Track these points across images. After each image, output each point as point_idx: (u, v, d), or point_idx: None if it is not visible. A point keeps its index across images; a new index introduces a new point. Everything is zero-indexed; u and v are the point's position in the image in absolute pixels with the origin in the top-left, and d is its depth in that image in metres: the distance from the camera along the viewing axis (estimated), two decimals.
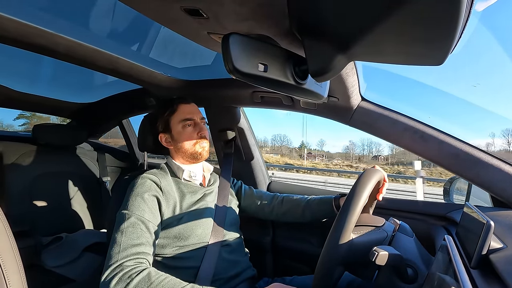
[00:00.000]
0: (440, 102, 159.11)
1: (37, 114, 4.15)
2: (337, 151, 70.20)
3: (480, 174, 0.85)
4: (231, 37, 0.45)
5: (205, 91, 1.24)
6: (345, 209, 0.65)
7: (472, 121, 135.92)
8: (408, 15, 0.33)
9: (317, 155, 66.38)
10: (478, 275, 0.51)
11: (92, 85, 1.67)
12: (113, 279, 0.66)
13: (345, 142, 75.32)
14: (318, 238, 1.23)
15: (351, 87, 0.88)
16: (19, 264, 0.56)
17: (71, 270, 1.30)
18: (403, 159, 59.93)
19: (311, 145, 68.62)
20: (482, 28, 30.56)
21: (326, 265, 0.65)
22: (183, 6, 0.51)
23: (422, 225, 1.00)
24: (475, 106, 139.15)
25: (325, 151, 70.63)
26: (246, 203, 1.15)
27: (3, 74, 1.46)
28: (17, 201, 1.42)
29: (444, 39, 0.35)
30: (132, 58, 1.02)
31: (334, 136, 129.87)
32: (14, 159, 1.45)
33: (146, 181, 0.89)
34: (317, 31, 0.47)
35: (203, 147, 1.01)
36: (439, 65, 0.42)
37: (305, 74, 0.56)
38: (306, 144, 69.49)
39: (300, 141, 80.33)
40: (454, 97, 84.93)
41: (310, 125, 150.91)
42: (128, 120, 2.03)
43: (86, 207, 1.71)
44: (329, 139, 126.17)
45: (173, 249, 0.87)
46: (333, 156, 65.82)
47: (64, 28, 0.83)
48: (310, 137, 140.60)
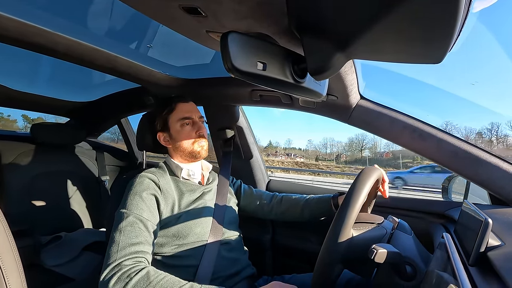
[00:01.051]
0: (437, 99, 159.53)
1: (4, 116, 4.12)
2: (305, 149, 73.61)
3: (479, 172, 0.86)
4: (230, 35, 0.45)
5: (204, 89, 1.24)
6: (344, 207, 0.65)
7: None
8: (407, 14, 0.33)
9: (283, 153, 68.82)
10: (476, 273, 0.51)
11: (90, 84, 1.67)
12: (112, 278, 0.66)
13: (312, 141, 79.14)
14: (317, 236, 1.23)
15: (350, 85, 0.88)
16: (18, 264, 0.56)
17: (70, 269, 1.30)
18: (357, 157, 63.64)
19: (280, 144, 71.50)
20: (480, 27, 30.58)
21: (325, 263, 0.65)
22: (182, 4, 0.51)
23: (420, 223, 1.00)
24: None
25: (296, 149, 73.05)
26: (245, 202, 1.15)
27: (2, 73, 1.45)
28: (16, 200, 1.42)
29: (443, 38, 0.35)
30: (131, 57, 1.02)
31: (299, 136, 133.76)
32: (13, 158, 1.45)
33: (144, 180, 0.88)
34: (316, 30, 0.47)
35: (202, 145, 1.01)
36: (438, 64, 0.42)
37: (304, 73, 0.56)
38: (275, 143, 72.06)
39: (268, 140, 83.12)
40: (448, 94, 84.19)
41: (280, 124, 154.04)
42: (127, 119, 2.03)
43: (85, 206, 1.71)
44: (296, 138, 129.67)
45: (172, 248, 0.87)
46: (298, 155, 69.06)
47: (63, 27, 0.82)
48: (280, 136, 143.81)
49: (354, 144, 65.41)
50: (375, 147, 62.14)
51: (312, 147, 73.33)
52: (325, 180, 16.24)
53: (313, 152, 70.32)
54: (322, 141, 74.54)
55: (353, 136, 66.27)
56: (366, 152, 62.44)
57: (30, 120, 15.97)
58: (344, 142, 71.29)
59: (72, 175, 1.67)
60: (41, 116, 3.21)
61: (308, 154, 69.76)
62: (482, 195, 0.98)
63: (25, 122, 4.58)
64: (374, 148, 62.81)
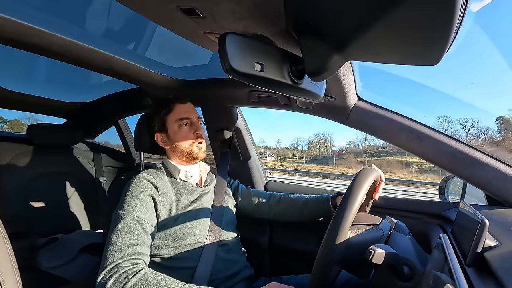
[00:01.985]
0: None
1: None
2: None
3: (475, 173, 0.86)
4: (228, 36, 0.45)
5: (202, 90, 1.24)
6: (342, 208, 0.65)
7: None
8: (404, 15, 0.34)
9: (271, 153, 72.39)
10: (473, 273, 0.51)
11: (87, 85, 1.66)
12: (109, 280, 0.65)
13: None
14: (315, 237, 1.23)
15: (348, 86, 0.89)
16: (14, 266, 0.56)
17: (67, 271, 1.29)
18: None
19: (269, 143, 75.88)
20: (476, 28, 30.86)
21: (323, 264, 0.65)
22: (180, 5, 0.51)
23: (418, 224, 1.01)
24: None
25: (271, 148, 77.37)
26: (243, 203, 1.15)
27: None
28: (12, 202, 1.40)
29: (439, 39, 0.36)
30: (128, 58, 1.02)
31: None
32: (9, 159, 1.44)
33: (142, 181, 0.88)
34: (313, 31, 0.47)
35: (200, 147, 1.01)
36: (435, 65, 0.42)
37: (302, 74, 0.56)
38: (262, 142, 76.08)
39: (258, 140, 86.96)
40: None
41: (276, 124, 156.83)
42: (124, 120, 2.02)
43: (82, 207, 1.70)
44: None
45: (169, 250, 0.86)
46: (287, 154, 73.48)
47: (59, 27, 0.82)
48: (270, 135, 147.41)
49: (313, 143, 72.65)
50: (328, 147, 68.98)
51: (284, 146, 78.45)
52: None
53: (282, 151, 75.03)
54: (293, 140, 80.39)
55: (312, 136, 73.78)
56: (322, 150, 68.97)
57: (6, 121, 15.78)
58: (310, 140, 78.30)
59: (69, 176, 1.66)
60: (18, 118, 3.17)
61: (277, 153, 74.03)
62: (478, 196, 0.99)
63: (1, 123, 4.48)
64: (328, 148, 70.92)
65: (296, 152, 79.59)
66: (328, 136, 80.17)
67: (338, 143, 76.59)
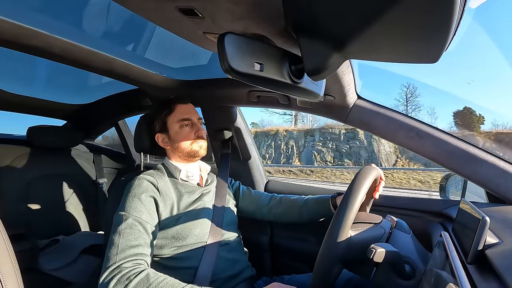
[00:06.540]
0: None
1: None
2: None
3: (476, 170, 0.86)
4: (227, 36, 0.45)
5: (201, 91, 1.24)
6: (343, 207, 0.65)
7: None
8: (402, 13, 0.34)
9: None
10: (474, 271, 0.51)
11: (87, 86, 1.66)
12: (112, 281, 0.66)
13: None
14: (316, 236, 1.23)
15: (347, 85, 0.89)
16: (15, 268, 0.56)
17: (68, 273, 1.29)
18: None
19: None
20: (475, 25, 30.76)
21: (325, 263, 0.65)
22: (178, 5, 0.51)
23: (419, 222, 1.01)
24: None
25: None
26: (244, 204, 1.15)
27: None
28: (12, 204, 1.40)
29: (438, 37, 0.36)
30: (128, 59, 1.01)
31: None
32: (9, 161, 1.44)
33: (143, 182, 0.88)
34: (312, 30, 0.47)
35: (200, 145, 1.01)
36: (434, 63, 0.42)
37: (301, 73, 0.56)
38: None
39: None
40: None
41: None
42: (124, 121, 2.02)
43: (83, 209, 1.70)
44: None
45: (171, 250, 0.86)
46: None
47: (59, 29, 0.82)
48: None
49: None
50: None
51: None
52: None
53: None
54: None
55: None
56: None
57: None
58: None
59: (69, 178, 1.66)
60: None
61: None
62: (479, 193, 0.99)
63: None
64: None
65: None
66: None
67: None
